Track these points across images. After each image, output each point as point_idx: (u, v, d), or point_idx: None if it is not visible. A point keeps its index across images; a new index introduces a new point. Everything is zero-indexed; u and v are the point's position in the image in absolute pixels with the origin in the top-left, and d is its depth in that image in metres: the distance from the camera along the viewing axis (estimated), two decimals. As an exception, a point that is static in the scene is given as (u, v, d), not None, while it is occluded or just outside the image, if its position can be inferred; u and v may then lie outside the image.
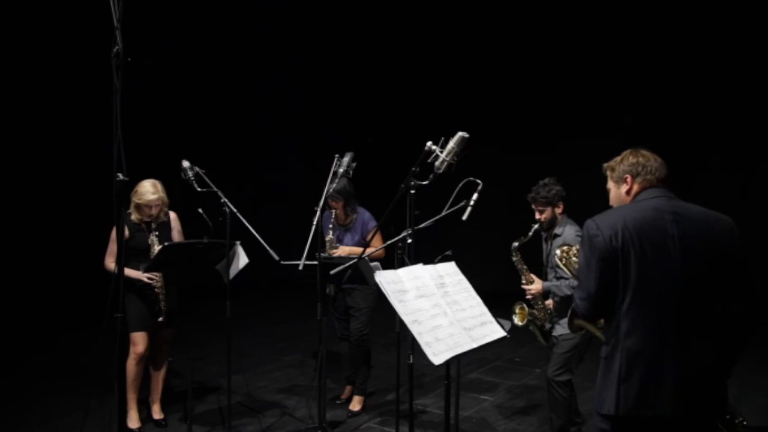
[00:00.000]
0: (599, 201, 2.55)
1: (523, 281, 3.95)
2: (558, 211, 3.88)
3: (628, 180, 2.34)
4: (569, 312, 2.54)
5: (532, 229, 3.89)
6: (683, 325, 2.15)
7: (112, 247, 4.11)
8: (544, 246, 4.00)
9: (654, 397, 2.14)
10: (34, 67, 7.27)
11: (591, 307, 2.24)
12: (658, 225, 2.17)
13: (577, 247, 2.78)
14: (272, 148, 10.01)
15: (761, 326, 2.38)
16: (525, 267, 3.95)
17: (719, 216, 2.26)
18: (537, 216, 3.91)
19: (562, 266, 2.86)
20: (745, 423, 2.58)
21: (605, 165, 2.46)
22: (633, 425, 2.18)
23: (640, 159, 2.34)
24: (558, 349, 3.84)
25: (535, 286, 3.89)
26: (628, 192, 2.35)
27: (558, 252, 2.83)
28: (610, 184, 2.44)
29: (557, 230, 3.86)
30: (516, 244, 3.93)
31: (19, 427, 4.40)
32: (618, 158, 2.41)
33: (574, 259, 2.78)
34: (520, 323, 3.90)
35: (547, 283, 3.87)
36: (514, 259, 3.95)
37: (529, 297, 3.94)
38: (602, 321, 2.51)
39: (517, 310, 3.93)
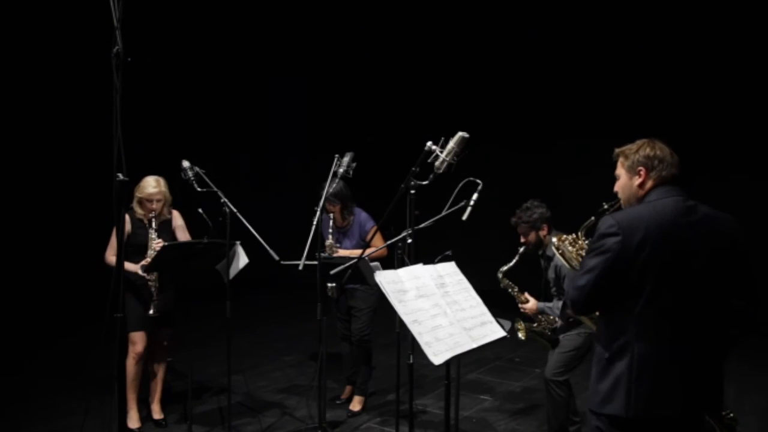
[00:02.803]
0: (598, 200, 2.54)
1: (518, 302, 3.96)
2: (542, 233, 3.86)
3: (642, 173, 2.27)
4: (561, 302, 2.53)
5: (518, 254, 3.89)
6: (693, 325, 2.16)
7: (113, 241, 4.09)
8: (542, 262, 3.99)
9: (666, 398, 2.14)
10: (34, 67, 7.26)
11: (584, 298, 2.20)
12: (676, 229, 2.15)
13: (573, 236, 2.75)
14: (272, 147, 10.00)
15: (761, 325, 2.38)
16: (516, 289, 3.96)
17: (724, 215, 2.25)
18: (522, 240, 3.90)
19: (558, 255, 2.79)
20: (732, 415, 2.57)
21: (617, 150, 2.37)
22: (638, 426, 2.16)
23: (658, 152, 2.27)
24: (559, 348, 3.83)
25: (530, 306, 3.91)
26: (640, 185, 2.28)
27: (555, 241, 2.76)
28: (621, 171, 2.35)
29: (549, 252, 3.84)
30: (504, 268, 3.93)
31: (19, 427, 4.40)
32: (633, 146, 2.32)
33: (569, 248, 2.71)
34: (523, 338, 3.90)
35: (540, 304, 3.88)
36: (502, 285, 3.94)
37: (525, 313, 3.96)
38: (596, 312, 2.49)
39: (518, 327, 3.93)
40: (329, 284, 4.43)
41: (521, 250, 3.89)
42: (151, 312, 4.10)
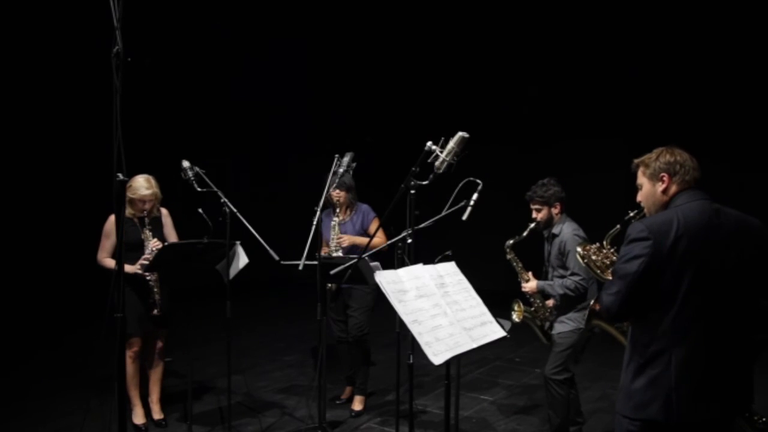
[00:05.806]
0: (598, 200, 2.54)
1: (520, 279, 3.99)
2: (555, 211, 3.90)
3: (665, 179, 2.28)
4: (587, 311, 2.53)
5: (528, 228, 3.92)
6: (726, 327, 2.17)
7: (104, 243, 4.12)
8: (546, 246, 4.02)
9: (706, 403, 2.14)
10: (34, 67, 7.26)
11: (620, 304, 2.19)
12: (707, 232, 2.16)
13: (597, 245, 2.76)
14: (272, 147, 10.00)
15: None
16: (520, 265, 4.00)
17: (750, 217, 2.27)
18: (534, 215, 3.93)
19: (583, 264, 2.80)
20: (765, 419, 2.57)
21: (636, 161, 2.39)
22: (674, 430, 2.17)
23: (678, 158, 2.29)
24: (555, 347, 3.86)
25: (530, 284, 3.94)
26: (664, 191, 2.29)
27: (580, 250, 2.78)
28: (642, 180, 2.37)
29: (555, 230, 3.89)
30: (510, 242, 3.97)
31: (19, 427, 4.39)
32: (652, 155, 2.34)
33: (594, 257, 2.71)
34: (517, 320, 3.93)
35: (541, 282, 3.91)
36: (508, 257, 3.99)
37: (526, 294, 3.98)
38: (625, 324, 2.49)
39: (515, 307, 3.98)
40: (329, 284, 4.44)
41: (532, 225, 3.91)
42: (155, 312, 4.11)
